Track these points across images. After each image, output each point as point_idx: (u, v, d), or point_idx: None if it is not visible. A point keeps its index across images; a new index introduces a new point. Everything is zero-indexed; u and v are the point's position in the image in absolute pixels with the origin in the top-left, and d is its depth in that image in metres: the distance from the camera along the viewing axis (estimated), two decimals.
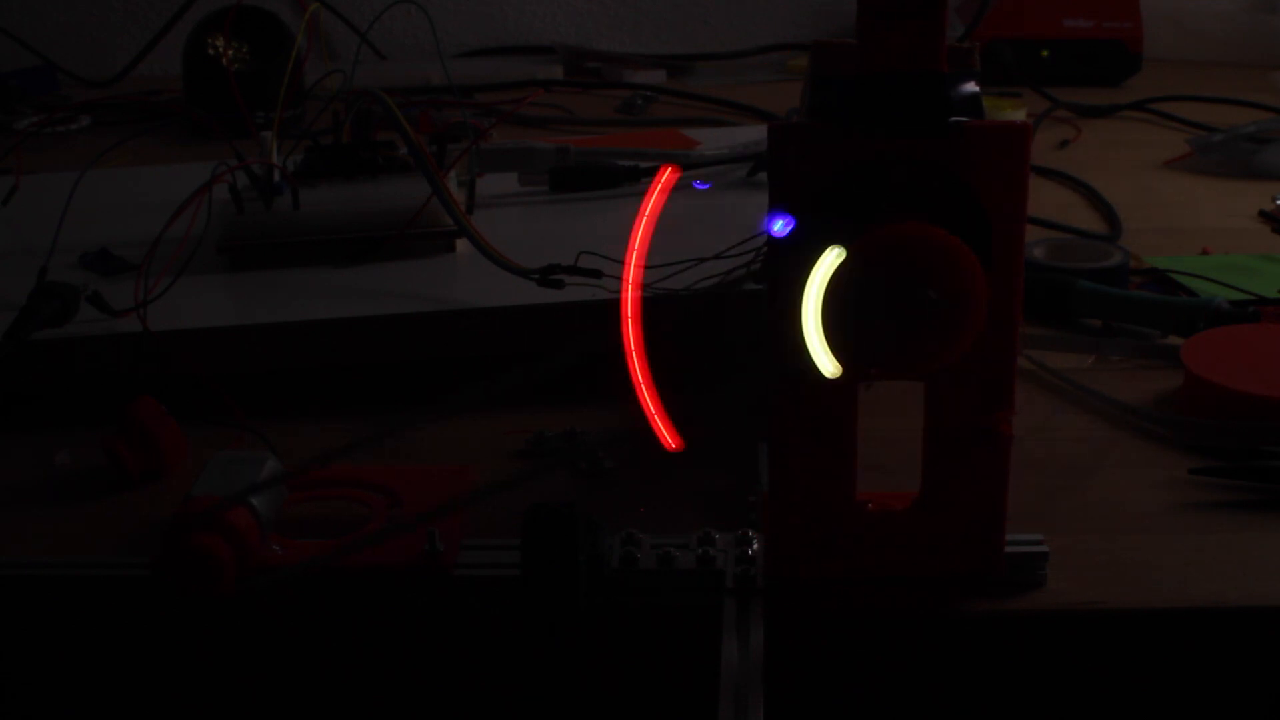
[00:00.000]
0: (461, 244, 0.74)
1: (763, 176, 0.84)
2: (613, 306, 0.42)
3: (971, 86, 0.46)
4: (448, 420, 0.63)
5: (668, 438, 0.44)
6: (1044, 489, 0.57)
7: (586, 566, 0.48)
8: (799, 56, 1.48)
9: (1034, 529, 0.51)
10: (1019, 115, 1.23)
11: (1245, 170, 1.04)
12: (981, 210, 0.45)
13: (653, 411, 0.44)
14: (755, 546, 0.50)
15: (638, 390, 0.45)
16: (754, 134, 0.96)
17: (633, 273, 0.47)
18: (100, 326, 0.65)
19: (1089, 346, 0.71)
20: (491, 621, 0.50)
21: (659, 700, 0.51)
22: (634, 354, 0.45)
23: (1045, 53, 1.38)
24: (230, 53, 1.19)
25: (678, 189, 0.48)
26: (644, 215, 0.47)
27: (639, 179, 0.86)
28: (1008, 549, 0.49)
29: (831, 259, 0.44)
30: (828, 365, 0.45)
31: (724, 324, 0.62)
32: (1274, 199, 0.95)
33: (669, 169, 0.48)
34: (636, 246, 0.47)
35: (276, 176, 0.74)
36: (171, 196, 0.68)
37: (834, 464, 0.48)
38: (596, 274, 0.65)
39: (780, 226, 0.44)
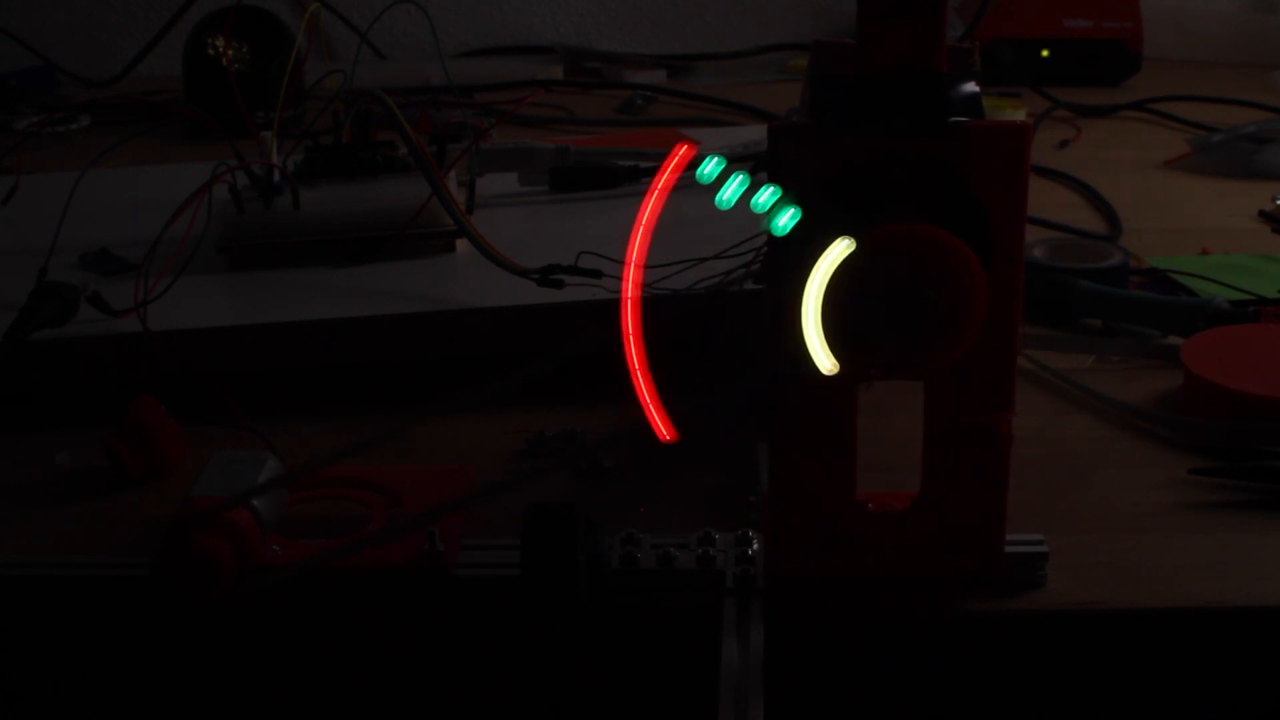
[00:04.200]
0: (461, 244, 0.74)
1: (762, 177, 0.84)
2: (613, 306, 0.42)
3: (971, 86, 0.46)
4: (448, 420, 0.63)
5: (662, 429, 0.44)
6: (1044, 489, 0.57)
7: (586, 566, 0.47)
8: (799, 56, 1.48)
9: (1034, 529, 0.51)
10: (1019, 115, 1.23)
11: (1245, 170, 1.04)
12: (981, 210, 0.45)
13: (648, 401, 0.44)
14: (755, 546, 0.50)
15: (634, 378, 0.44)
16: (754, 134, 0.96)
17: (635, 255, 0.46)
18: (100, 326, 0.65)
19: (1089, 346, 0.71)
20: (491, 621, 0.50)
21: (659, 700, 0.51)
22: (631, 340, 0.45)
23: (1045, 53, 1.38)
24: (230, 53, 1.19)
25: (678, 189, 0.48)
26: (654, 192, 0.46)
27: (639, 179, 0.86)
28: (1008, 549, 0.49)
29: (835, 253, 0.44)
30: (826, 363, 0.45)
31: (724, 324, 0.62)
32: (1274, 199, 0.95)
33: (685, 146, 0.47)
34: (641, 228, 0.47)
35: (276, 176, 0.73)
36: (171, 196, 0.68)
37: (834, 464, 0.48)
38: (596, 274, 0.65)
39: (781, 222, 0.44)
